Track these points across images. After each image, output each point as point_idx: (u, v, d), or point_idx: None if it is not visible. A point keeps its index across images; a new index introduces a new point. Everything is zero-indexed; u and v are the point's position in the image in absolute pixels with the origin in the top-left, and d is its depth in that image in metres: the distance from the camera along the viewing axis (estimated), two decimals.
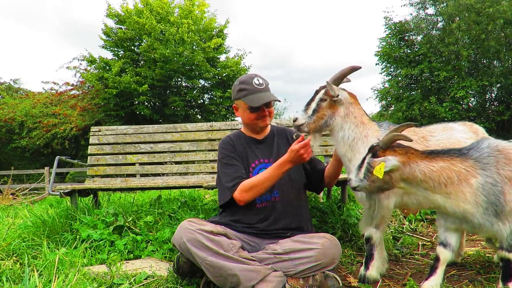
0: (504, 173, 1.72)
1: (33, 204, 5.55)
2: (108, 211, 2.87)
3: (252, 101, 2.02)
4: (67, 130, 12.89)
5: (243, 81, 2.08)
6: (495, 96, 15.00)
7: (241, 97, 2.06)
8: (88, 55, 13.99)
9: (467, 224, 1.79)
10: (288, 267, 1.83)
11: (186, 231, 1.84)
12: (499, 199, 1.69)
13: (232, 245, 1.83)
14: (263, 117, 2.09)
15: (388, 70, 16.31)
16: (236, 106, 2.17)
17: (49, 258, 2.22)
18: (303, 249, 1.85)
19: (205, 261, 1.77)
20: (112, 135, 3.63)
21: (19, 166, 14.57)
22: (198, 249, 1.79)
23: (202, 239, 1.80)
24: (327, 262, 1.86)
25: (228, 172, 2.02)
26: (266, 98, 2.03)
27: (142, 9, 13.78)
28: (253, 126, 2.15)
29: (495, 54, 13.44)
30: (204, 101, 15.45)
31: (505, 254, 1.77)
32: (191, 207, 3.15)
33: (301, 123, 2.01)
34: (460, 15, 13.51)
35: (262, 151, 2.15)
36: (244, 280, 1.73)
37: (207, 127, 3.61)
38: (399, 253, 2.63)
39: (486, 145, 1.81)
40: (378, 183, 1.75)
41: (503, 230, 1.72)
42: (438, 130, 2.20)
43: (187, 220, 1.93)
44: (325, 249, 1.85)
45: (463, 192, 1.72)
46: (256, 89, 2.04)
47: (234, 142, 2.14)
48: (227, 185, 1.98)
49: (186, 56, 13.40)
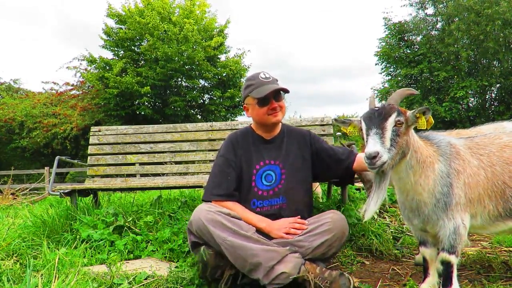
0: (454, 166, 1.72)
1: (33, 204, 5.54)
2: (108, 211, 2.87)
3: (258, 93, 1.96)
4: (67, 130, 12.89)
5: (249, 78, 2.06)
6: (495, 96, 15.00)
7: (248, 93, 2.02)
8: (88, 55, 13.99)
9: (419, 217, 1.76)
10: (303, 245, 1.86)
11: (204, 212, 1.84)
12: (449, 191, 1.69)
13: (250, 227, 1.85)
14: (273, 111, 2.00)
15: (388, 70, 16.34)
16: (246, 105, 2.09)
17: (49, 258, 2.22)
18: (315, 226, 1.90)
19: (226, 241, 1.77)
20: (112, 135, 3.63)
21: (19, 166, 14.55)
22: (218, 229, 1.79)
23: (221, 219, 1.80)
24: (339, 234, 1.90)
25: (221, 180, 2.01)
26: (272, 87, 1.96)
27: (142, 9, 13.80)
28: (265, 123, 2.05)
29: (494, 55, 13.45)
30: (204, 101, 15.47)
31: (446, 256, 1.70)
32: (191, 207, 3.15)
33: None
34: (459, 16, 13.52)
35: (269, 151, 2.08)
36: (264, 260, 1.74)
37: (207, 127, 3.61)
38: (399, 253, 2.63)
39: (442, 137, 1.82)
40: (402, 149, 1.59)
41: (447, 226, 1.68)
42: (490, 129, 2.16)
43: (204, 203, 1.96)
44: (335, 222, 1.90)
45: (428, 177, 1.69)
46: (263, 82, 1.99)
47: (239, 142, 2.08)
48: (214, 191, 2.00)
49: (188, 55, 13.41)
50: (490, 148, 1.83)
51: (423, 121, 1.60)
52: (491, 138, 1.90)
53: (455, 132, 2.15)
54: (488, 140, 1.87)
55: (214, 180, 2.03)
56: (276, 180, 2.05)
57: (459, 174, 1.71)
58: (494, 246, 2.78)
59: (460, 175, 1.71)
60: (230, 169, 2.01)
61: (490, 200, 1.76)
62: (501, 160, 1.79)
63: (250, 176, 2.03)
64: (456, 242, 1.68)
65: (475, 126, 2.22)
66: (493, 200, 1.76)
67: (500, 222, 1.80)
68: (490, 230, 1.86)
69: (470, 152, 1.79)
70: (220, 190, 1.99)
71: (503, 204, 1.77)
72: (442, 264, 1.73)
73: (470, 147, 1.82)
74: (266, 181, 2.04)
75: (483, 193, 1.75)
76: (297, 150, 2.12)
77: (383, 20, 15.65)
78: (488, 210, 1.77)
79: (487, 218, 1.78)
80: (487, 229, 1.85)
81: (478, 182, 1.74)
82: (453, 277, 1.70)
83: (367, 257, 2.62)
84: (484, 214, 1.77)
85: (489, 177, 1.76)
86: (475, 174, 1.74)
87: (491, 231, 1.88)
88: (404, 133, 1.58)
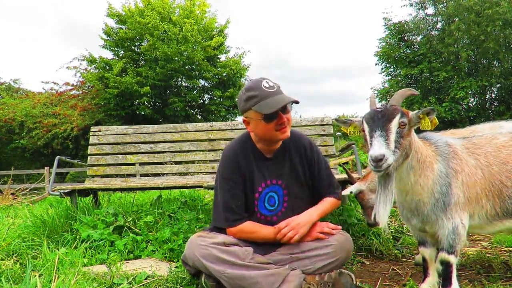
0: (452, 166, 1.72)
1: (33, 204, 5.54)
2: (108, 211, 2.87)
3: (265, 107, 1.70)
4: (67, 130, 12.88)
5: (250, 88, 1.76)
6: (495, 96, 15.01)
7: (251, 106, 1.74)
8: (88, 55, 13.99)
9: (418, 217, 1.76)
10: (306, 265, 1.80)
11: (198, 247, 1.76)
12: (448, 191, 1.69)
13: (247, 252, 1.77)
14: (282, 126, 1.76)
15: (387, 70, 16.35)
16: (247, 119, 1.83)
17: (49, 258, 2.21)
18: (320, 247, 1.83)
19: (225, 274, 1.70)
20: (112, 135, 3.63)
21: (19, 166, 14.55)
22: (215, 264, 1.72)
23: (217, 253, 1.73)
24: (344, 257, 1.85)
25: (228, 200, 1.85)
26: (282, 101, 1.72)
27: (143, 9, 13.80)
28: (271, 139, 1.84)
29: (494, 55, 13.46)
30: (204, 101, 15.46)
31: (445, 255, 1.70)
32: (191, 207, 3.15)
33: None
34: (459, 16, 13.53)
35: (270, 170, 1.89)
36: (266, 285, 1.69)
37: (207, 127, 3.61)
38: (399, 253, 2.63)
39: (439, 137, 1.82)
40: (405, 150, 1.57)
41: (446, 226, 1.68)
42: (485, 129, 2.16)
43: (196, 235, 1.85)
44: (341, 244, 1.83)
45: (428, 177, 1.69)
46: (268, 93, 1.73)
47: (240, 161, 1.86)
48: (226, 215, 1.84)
49: (188, 55, 13.41)
50: (487, 148, 1.83)
51: (427, 122, 1.58)
52: (488, 138, 1.90)
53: (449, 132, 2.15)
54: (485, 140, 1.88)
55: (224, 205, 1.85)
56: (279, 203, 1.92)
57: (457, 174, 1.72)
58: (494, 246, 2.78)
59: (458, 175, 1.72)
60: (238, 191, 1.85)
61: (487, 199, 1.77)
62: (498, 160, 1.80)
63: (252, 200, 1.89)
64: (455, 242, 1.68)
65: (470, 126, 2.21)
66: (490, 199, 1.77)
67: (497, 221, 1.81)
68: (488, 230, 1.86)
69: (467, 152, 1.80)
70: (233, 216, 1.84)
71: (500, 203, 1.77)
72: (441, 264, 1.72)
73: (467, 147, 1.83)
74: (269, 205, 1.92)
75: (481, 193, 1.76)
76: (299, 165, 1.94)
77: (383, 20, 15.66)
78: (485, 210, 1.77)
79: (484, 218, 1.79)
80: (484, 229, 1.85)
81: (476, 181, 1.75)
82: (452, 277, 1.70)
83: (367, 257, 2.62)
84: (482, 214, 1.78)
85: (487, 177, 1.76)
86: (472, 174, 1.75)
87: (488, 231, 1.88)
88: (407, 134, 1.56)
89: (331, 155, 3.37)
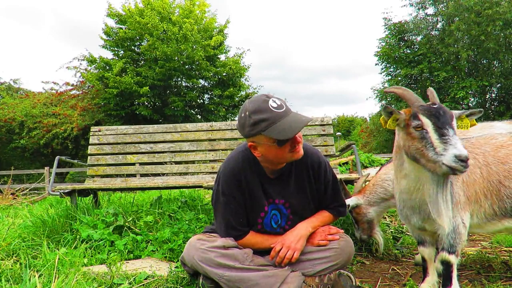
0: None
1: (33, 204, 5.54)
2: (108, 211, 2.87)
3: (281, 133, 1.55)
4: (67, 130, 12.90)
5: (257, 110, 1.57)
6: (495, 96, 15.02)
7: (261, 131, 1.57)
8: (88, 55, 14.00)
9: (418, 215, 1.75)
10: (306, 267, 1.80)
11: (197, 251, 1.76)
12: (450, 189, 1.67)
13: (246, 254, 1.76)
14: (295, 147, 1.65)
15: (387, 70, 16.35)
16: (254, 144, 1.66)
17: (49, 258, 2.21)
18: (321, 250, 1.82)
19: (223, 277, 1.70)
20: (112, 135, 3.63)
21: (19, 166, 14.57)
22: (213, 268, 1.72)
23: (216, 257, 1.73)
24: (344, 261, 1.84)
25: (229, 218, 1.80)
26: (298, 124, 1.58)
27: (143, 9, 13.81)
28: (282, 161, 1.74)
29: (494, 55, 13.46)
30: (204, 101, 15.48)
31: (445, 255, 1.68)
32: (191, 207, 3.15)
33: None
34: (459, 16, 13.53)
35: (275, 189, 1.83)
36: (265, 287, 1.69)
37: (207, 127, 3.61)
38: (399, 253, 2.63)
39: None
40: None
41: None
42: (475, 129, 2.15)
43: (196, 238, 1.84)
44: (342, 249, 1.83)
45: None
46: (279, 115, 1.57)
47: (242, 180, 1.78)
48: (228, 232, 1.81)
49: (187, 54, 13.42)
50: (485, 148, 1.84)
51: (466, 122, 1.56)
52: (486, 138, 1.91)
53: None
54: (484, 140, 1.89)
55: (227, 224, 1.81)
56: (282, 221, 1.88)
57: None
58: (494, 246, 2.78)
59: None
60: (239, 209, 1.81)
61: (485, 199, 1.77)
62: (496, 160, 1.80)
63: (256, 218, 1.85)
64: (455, 242, 1.68)
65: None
66: (488, 199, 1.77)
67: (495, 221, 1.81)
68: (486, 229, 1.86)
69: None
70: (235, 232, 1.81)
71: (498, 203, 1.78)
72: (442, 264, 1.71)
73: (466, 147, 1.83)
74: (273, 222, 1.87)
75: (479, 192, 1.76)
76: (307, 181, 1.86)
77: (383, 20, 15.67)
78: (484, 209, 1.77)
79: (482, 217, 1.79)
80: (483, 228, 1.85)
81: (475, 180, 1.75)
82: (453, 277, 1.70)
83: (367, 257, 2.62)
84: (480, 213, 1.78)
85: (485, 176, 1.77)
86: (471, 173, 1.75)
87: (487, 230, 1.88)
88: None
89: (331, 155, 3.37)
